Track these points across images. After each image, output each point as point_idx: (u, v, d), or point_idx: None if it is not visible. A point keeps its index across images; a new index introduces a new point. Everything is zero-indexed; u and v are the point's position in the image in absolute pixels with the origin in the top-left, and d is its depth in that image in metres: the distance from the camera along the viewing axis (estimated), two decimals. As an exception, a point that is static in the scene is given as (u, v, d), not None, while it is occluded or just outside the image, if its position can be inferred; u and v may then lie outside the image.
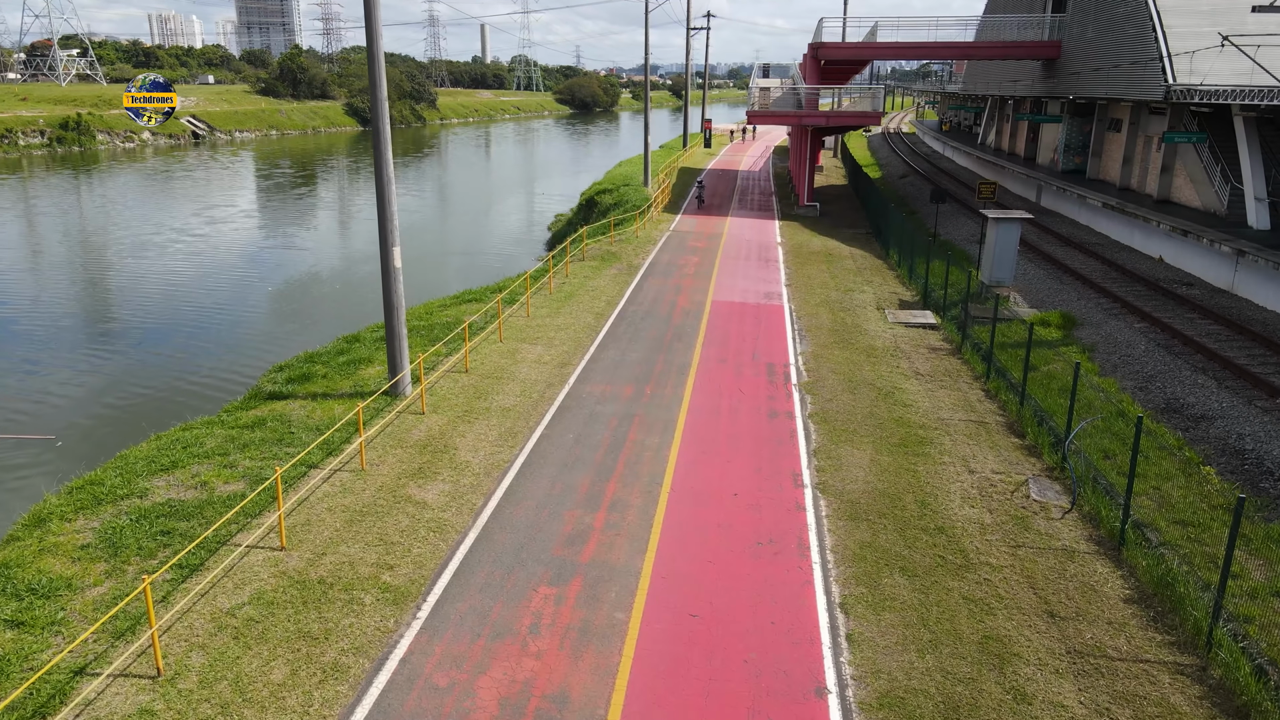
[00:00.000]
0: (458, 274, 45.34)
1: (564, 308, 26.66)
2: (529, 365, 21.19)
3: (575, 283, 29.99)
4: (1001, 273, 28.83)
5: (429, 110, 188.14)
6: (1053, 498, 15.47)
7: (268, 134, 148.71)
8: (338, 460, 15.35)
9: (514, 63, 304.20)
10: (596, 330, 24.51)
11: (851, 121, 47.88)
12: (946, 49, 47.80)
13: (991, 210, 29.02)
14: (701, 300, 28.20)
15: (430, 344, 22.23)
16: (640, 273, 31.99)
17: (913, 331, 26.02)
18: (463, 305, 26.65)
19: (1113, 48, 38.66)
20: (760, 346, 23.54)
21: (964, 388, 21.14)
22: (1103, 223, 39.58)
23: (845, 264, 35.15)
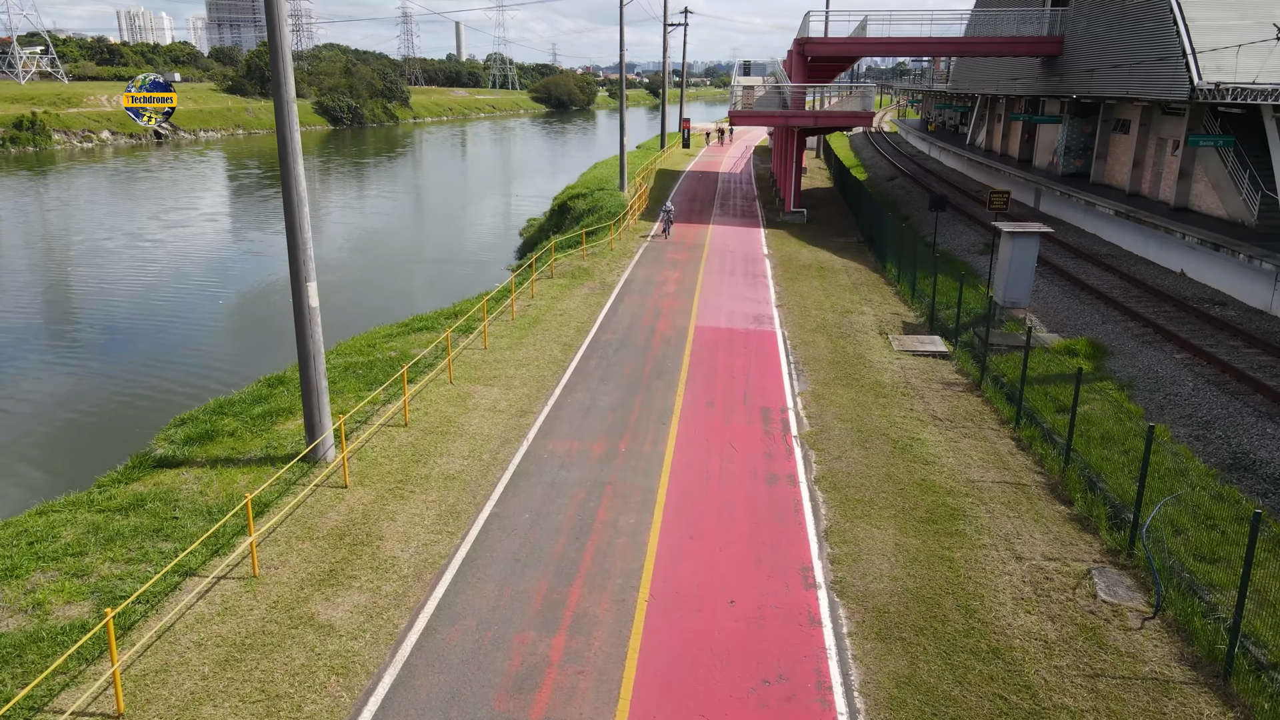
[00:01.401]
0: (423, 286, 42.10)
1: (527, 337, 23.42)
2: (482, 415, 17.95)
3: (541, 305, 26.76)
4: (1017, 293, 25.86)
5: (401, 109, 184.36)
6: (1125, 596, 12.42)
7: (234, 133, 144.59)
8: (226, 562, 12.05)
9: (490, 61, 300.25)
10: (564, 365, 21.30)
11: (841, 122, 44.95)
12: (941, 44, 44.89)
13: (1005, 223, 26.08)
14: (684, 325, 25.04)
15: (367, 387, 18.95)
16: (615, 292, 28.79)
17: (922, 362, 22.99)
18: (412, 335, 23.35)
19: (1125, 43, 35.84)
20: (753, 384, 20.41)
21: (990, 436, 18.10)
22: (1112, 231, 36.77)
23: (839, 279, 32.11)
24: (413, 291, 40.95)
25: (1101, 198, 38.07)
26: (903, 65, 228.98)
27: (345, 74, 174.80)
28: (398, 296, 39.46)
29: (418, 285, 42.33)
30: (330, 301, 37.68)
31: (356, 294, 39.87)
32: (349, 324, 32.59)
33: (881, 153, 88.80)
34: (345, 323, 33.22)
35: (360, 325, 31.97)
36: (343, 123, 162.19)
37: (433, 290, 40.90)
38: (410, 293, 40.61)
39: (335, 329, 31.29)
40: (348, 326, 31.75)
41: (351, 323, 33.24)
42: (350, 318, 34.70)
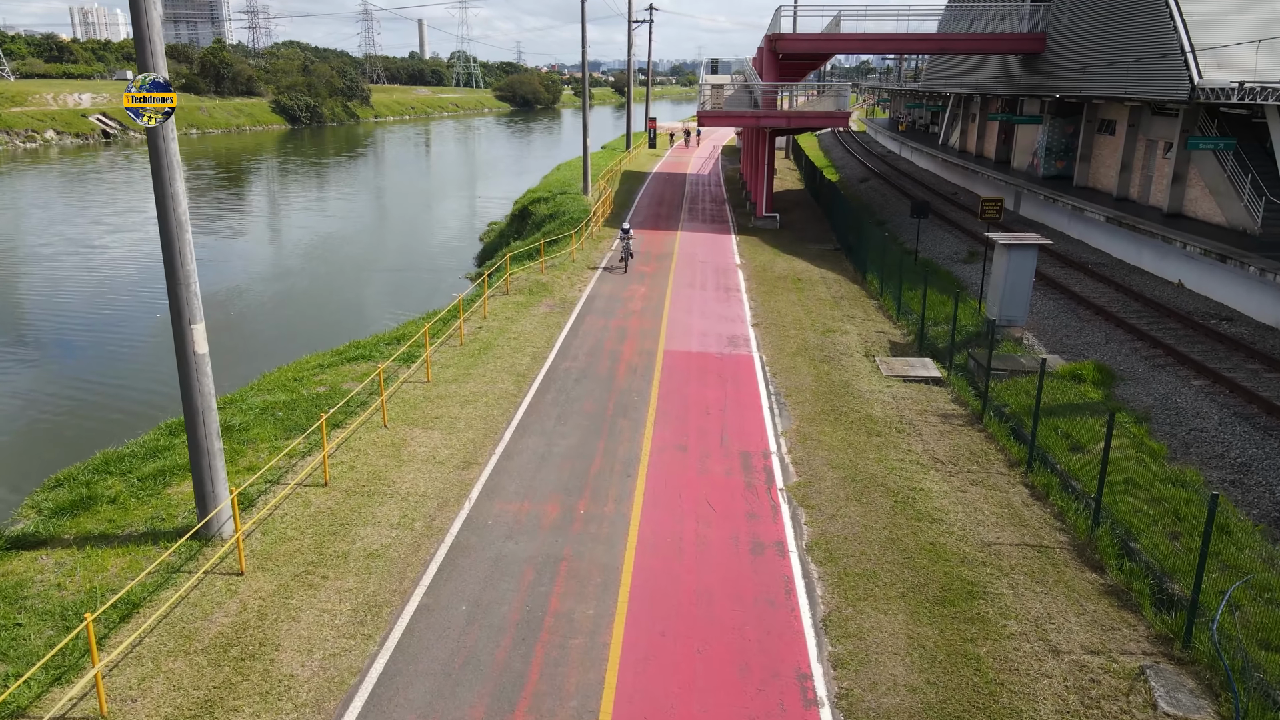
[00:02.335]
0: (373, 298, 39.44)
1: (476, 366, 20.92)
2: (418, 468, 15.44)
3: (494, 327, 24.24)
4: (1014, 310, 23.73)
5: (362, 108, 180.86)
6: (1190, 706, 10.21)
7: (187, 133, 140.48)
8: (68, 696, 9.47)
9: (453, 59, 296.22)
10: (516, 401, 18.83)
11: (815, 122, 42.80)
12: (919, 41, 42.85)
13: (1000, 234, 23.97)
14: (651, 350, 22.65)
15: (286, 434, 16.37)
16: (576, 310, 26.35)
17: (914, 390, 20.79)
18: (346, 365, 20.75)
19: (1115, 40, 33.96)
20: (730, 422, 18.07)
21: (1000, 482, 15.90)
22: (1100, 238, 34.89)
23: (818, 292, 29.89)
24: (361, 305, 38.30)
25: (1089, 202, 36.19)
26: (867, 63, 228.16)
27: (303, 72, 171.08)
28: (344, 311, 36.79)
29: (368, 297, 39.68)
30: (270, 317, 35.10)
31: (300, 308, 37.14)
32: (285, 346, 29.96)
33: (851, 153, 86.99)
34: (281, 344, 30.58)
35: (298, 346, 29.35)
36: (301, 122, 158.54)
37: (382, 303, 38.29)
38: (358, 306, 37.96)
39: (268, 353, 28.76)
40: (282, 349, 29.12)
41: (289, 344, 30.61)
42: (288, 337, 32.02)
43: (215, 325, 33.66)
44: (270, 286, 41.40)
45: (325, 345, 28.55)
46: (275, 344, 30.91)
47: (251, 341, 31.27)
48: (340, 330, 32.89)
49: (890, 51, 51.69)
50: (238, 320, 34.72)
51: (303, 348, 28.64)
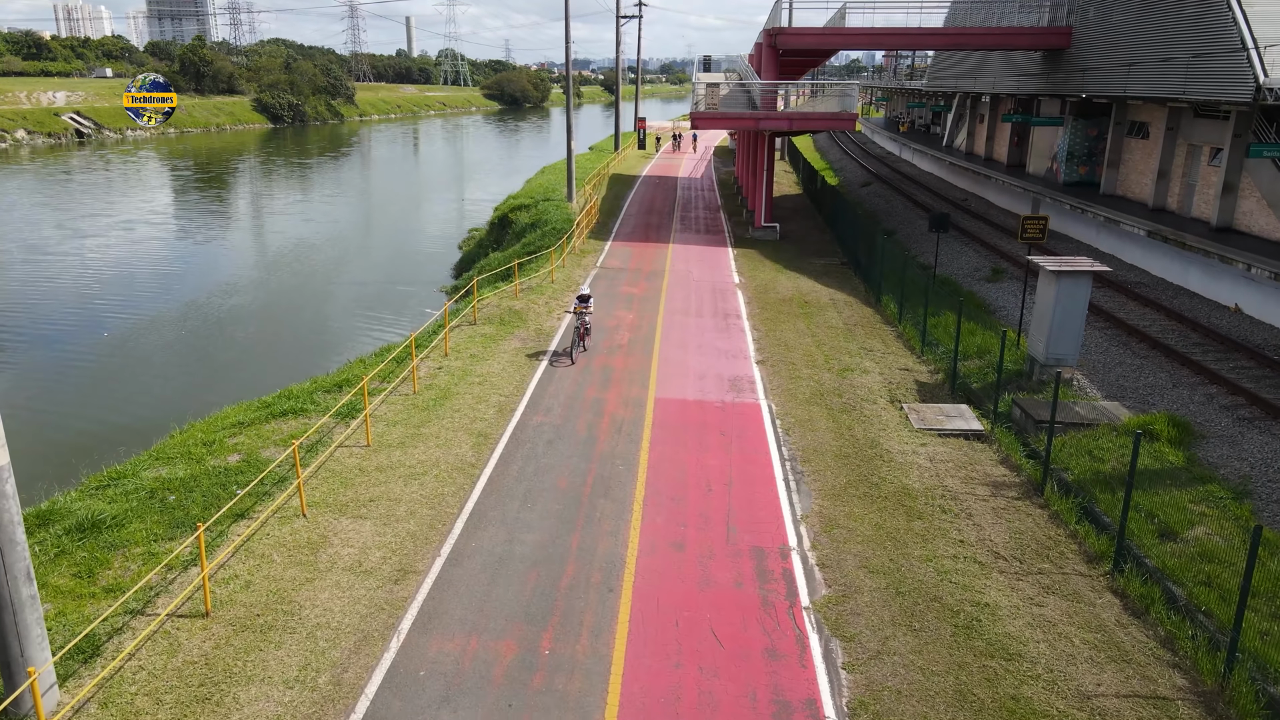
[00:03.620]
0: (333, 318, 35.98)
1: (430, 423, 17.39)
2: (337, 582, 11.92)
3: (456, 368, 20.70)
4: (1063, 347, 20.31)
5: (346, 106, 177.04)
6: None
7: (164, 132, 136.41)
8: None
9: (441, 57, 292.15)
10: (474, 474, 15.32)
11: (819, 124, 39.42)
12: (932, 36, 39.49)
13: (1046, 258, 20.55)
14: (640, 398, 19.16)
15: (171, 529, 12.83)
16: (553, 344, 22.84)
17: (953, 447, 17.38)
18: (272, 422, 17.18)
19: (1156, 35, 30.62)
20: (737, 502, 14.60)
21: (1082, 588, 12.50)
22: (1136, 253, 31.58)
23: (828, 318, 26.47)
24: (321, 325, 34.79)
25: (1122, 213, 32.82)
26: (856, 61, 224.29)
27: (285, 69, 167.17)
28: (301, 334, 33.26)
29: (330, 316, 36.16)
30: (216, 343, 31.44)
31: (254, 328, 33.58)
32: (220, 384, 26.43)
33: (849, 154, 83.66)
34: (218, 380, 27.03)
35: (235, 385, 25.83)
36: (283, 121, 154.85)
37: (344, 324, 34.80)
38: (318, 327, 34.44)
39: (196, 395, 25.12)
40: (216, 389, 25.59)
41: (226, 380, 27.06)
42: (229, 369, 28.46)
43: (149, 353, 30.31)
44: (228, 301, 37.98)
45: (269, 381, 25.10)
46: (210, 380, 27.37)
47: (182, 378, 27.68)
48: (292, 360, 29.40)
49: (900, 48, 48.38)
50: (177, 346, 31.14)
51: (240, 386, 25.16)
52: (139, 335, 32.49)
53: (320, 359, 29.04)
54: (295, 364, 28.90)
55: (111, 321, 34.40)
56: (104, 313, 35.86)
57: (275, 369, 28.57)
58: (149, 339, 32.09)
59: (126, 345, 31.23)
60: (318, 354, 30.28)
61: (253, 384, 26.09)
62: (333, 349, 30.87)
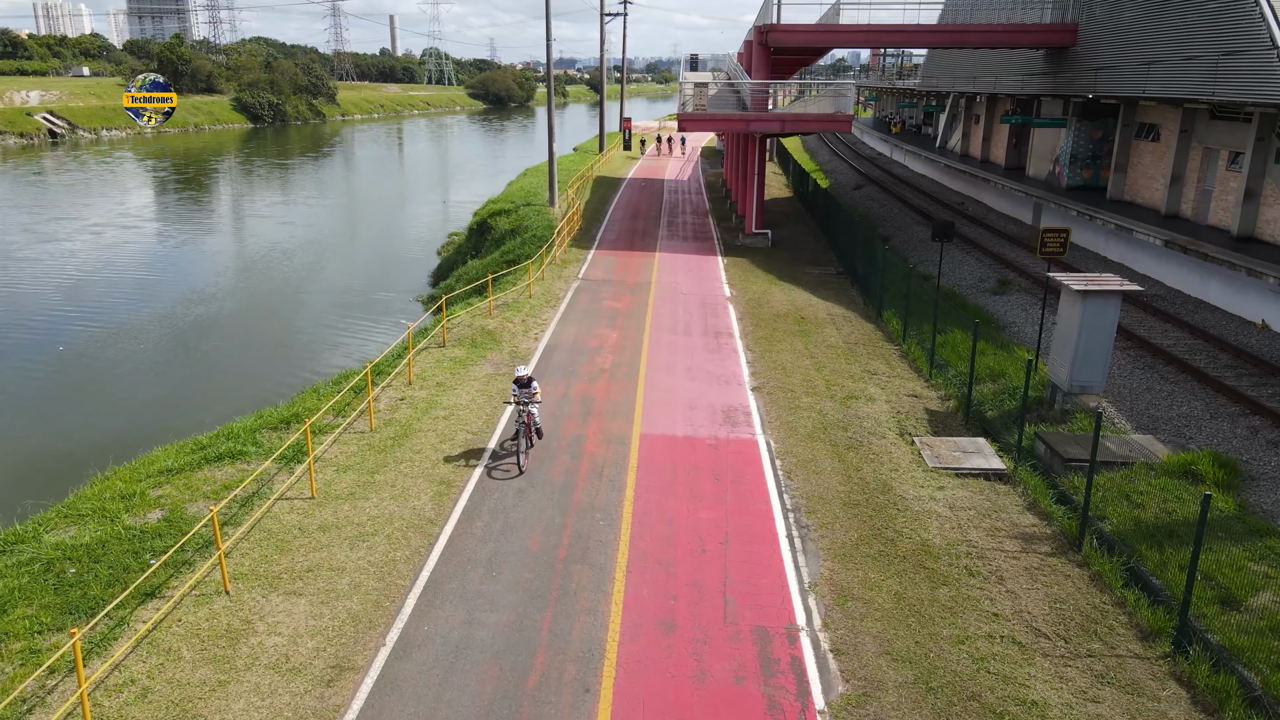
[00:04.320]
0: (303, 329, 34.04)
1: (386, 468, 15.39)
2: (256, 684, 9.91)
3: (420, 398, 18.70)
4: (1089, 373, 18.47)
5: (328, 106, 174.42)
6: None
7: (141, 132, 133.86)
8: None
9: (425, 55, 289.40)
10: (432, 533, 13.33)
11: (813, 126, 37.55)
12: (930, 34, 37.68)
13: (1069, 275, 18.70)
14: (624, 434, 17.20)
15: (61, 617, 10.79)
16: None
17: (973, 491, 15.52)
18: (205, 469, 15.11)
19: (1171, 33, 28.87)
20: (735, 567, 12.68)
21: (1140, 676, 10.66)
22: (1149, 263, 29.83)
23: (827, 335, 24.59)
24: (284, 340, 32.74)
25: (1133, 219, 31.06)
26: (842, 60, 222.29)
27: (265, 68, 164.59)
28: (260, 351, 31.20)
29: (295, 330, 34.11)
30: (172, 359, 29.31)
31: (210, 347, 31.48)
32: (166, 410, 24.39)
33: (839, 155, 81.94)
34: (162, 406, 24.97)
35: (182, 411, 23.79)
36: (263, 120, 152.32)
37: (309, 339, 32.77)
38: (280, 342, 32.39)
39: (141, 419, 23.07)
40: (161, 415, 23.56)
41: (173, 404, 25.02)
42: (176, 394, 26.38)
43: (100, 371, 28.19)
44: (193, 311, 36.02)
45: (220, 406, 23.08)
46: (158, 405, 25.29)
47: (129, 402, 25.58)
48: (249, 381, 27.36)
49: (897, 45, 46.60)
50: (132, 364, 29.03)
51: (187, 414, 23.13)
52: (95, 350, 30.45)
53: (280, 379, 27.03)
54: (252, 385, 26.88)
55: (69, 334, 32.41)
56: (62, 324, 33.89)
57: (229, 391, 26.53)
58: (105, 354, 30.05)
59: (79, 361, 29.19)
60: (279, 373, 28.26)
61: (202, 410, 24.09)
62: (295, 367, 28.85)
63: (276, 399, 22.80)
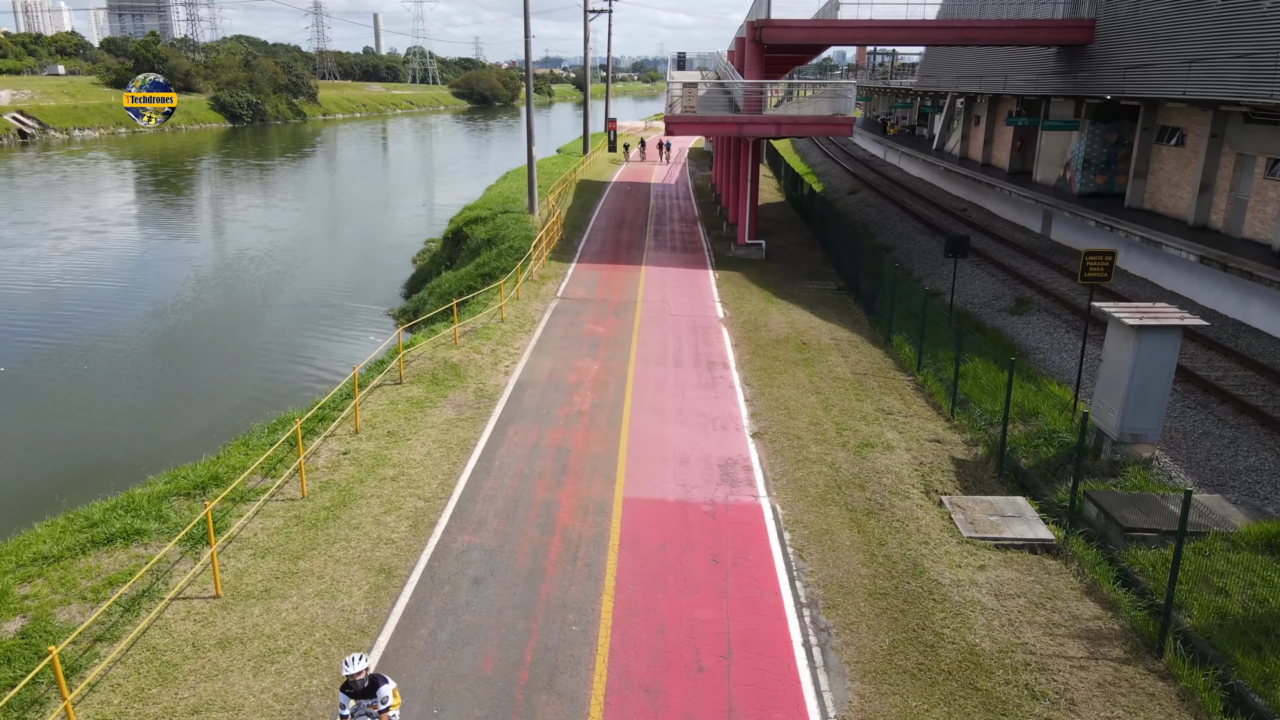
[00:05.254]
0: (262, 347, 31.30)
1: (313, 551, 12.72)
2: None
3: (367, 452, 16.02)
4: (1143, 419, 15.95)
5: (309, 105, 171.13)
6: None
7: (115, 132, 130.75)
8: None
9: (409, 54, 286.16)
10: (361, 649, 10.67)
11: (810, 130, 35.00)
12: (935, 31, 35.16)
13: (1117, 305, 16.19)
14: (603, 500, 14.57)
15: None
16: (496, 412, 18.18)
17: (1019, 570, 13.00)
18: (91, 555, 12.39)
19: (1204, 29, 26.43)
20: (740, 694, 10.09)
21: None
22: (1179, 279, 27.47)
23: (832, 364, 22.02)
24: (240, 361, 30.10)
25: (1159, 231, 28.65)
26: (828, 60, 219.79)
27: (245, 67, 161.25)
28: (210, 376, 28.48)
29: (252, 351, 31.44)
30: (112, 384, 26.36)
31: (157, 371, 28.74)
32: (90, 454, 21.65)
33: (831, 157, 79.52)
34: (87, 448, 22.21)
35: (107, 456, 21.09)
36: (242, 120, 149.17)
37: (266, 360, 30.10)
38: (235, 364, 29.72)
39: (62, 464, 20.23)
40: (82, 461, 20.82)
41: (99, 447, 22.25)
42: (108, 431, 23.62)
43: (35, 398, 25.31)
44: (148, 327, 33.49)
45: (151, 447, 20.43)
46: (84, 444, 22.53)
47: (48, 443, 22.76)
48: (193, 412, 24.66)
49: (900, 42, 44.11)
50: (68, 390, 26.26)
51: (111, 459, 20.42)
52: (35, 371, 27.81)
53: (229, 410, 24.37)
54: (195, 417, 24.22)
55: (12, 352, 29.73)
56: (6, 340, 31.18)
57: (168, 425, 23.84)
58: (45, 376, 27.42)
59: (15, 385, 26.45)
60: (228, 402, 25.61)
61: (132, 451, 21.41)
62: (247, 396, 26.18)
63: (218, 435, 20.16)
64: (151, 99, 20.22)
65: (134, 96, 20.02)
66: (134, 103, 19.98)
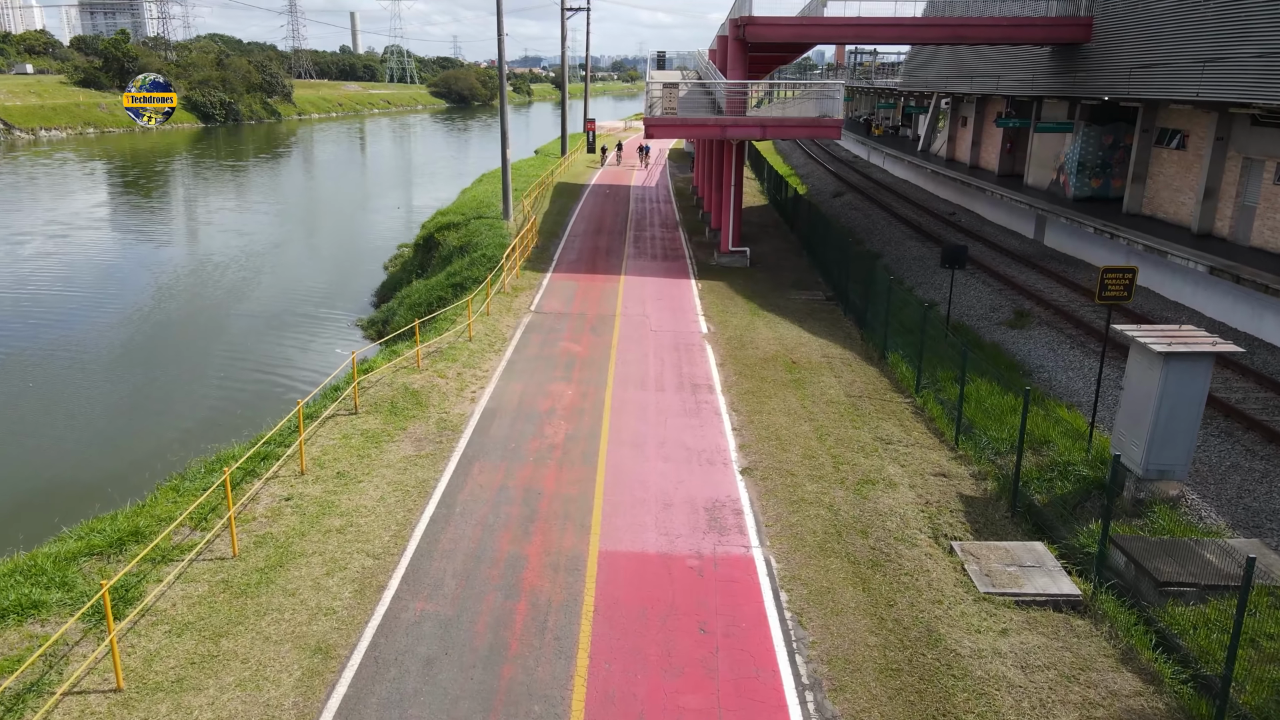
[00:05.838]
0: (219, 363, 29.50)
1: (240, 624, 11.04)
2: None
3: (311, 498, 14.32)
4: (1170, 454, 14.49)
5: (284, 104, 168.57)
6: None
7: (83, 132, 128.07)
8: None
9: (387, 53, 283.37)
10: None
11: (796, 132, 33.52)
12: (927, 28, 33.74)
13: (1141, 329, 14.74)
14: (577, 554, 12.95)
15: None
16: (460, 447, 16.51)
17: (1045, 634, 11.53)
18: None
19: (1212, 27, 25.10)
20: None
21: None
22: (1185, 290, 26.17)
23: (824, 385, 20.50)
24: (195, 378, 28.32)
25: (1167, 241, 27.33)
26: (807, 59, 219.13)
27: (218, 66, 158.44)
28: (159, 396, 26.69)
29: (212, 361, 29.68)
30: (53, 406, 24.38)
31: (104, 389, 26.92)
32: (7, 483, 19.85)
33: (814, 158, 78.18)
34: (4, 479, 20.38)
35: (31, 493, 19.31)
36: (215, 120, 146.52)
37: (222, 378, 28.34)
38: (189, 382, 27.94)
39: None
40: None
41: (20, 484, 20.43)
42: (42, 462, 21.80)
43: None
44: (102, 339, 31.89)
45: (78, 487, 18.66)
46: (6, 483, 20.64)
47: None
48: (138, 439, 22.88)
49: (889, 41, 42.73)
50: (6, 411, 24.40)
51: (35, 505, 18.65)
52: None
53: (178, 433, 22.62)
54: (140, 445, 22.42)
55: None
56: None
57: (108, 454, 22.04)
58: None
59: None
60: (177, 425, 23.85)
61: (57, 492, 19.61)
62: (198, 417, 24.42)
63: (161, 465, 18.48)
64: (152, 99, 19.96)
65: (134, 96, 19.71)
66: (134, 103, 19.63)
